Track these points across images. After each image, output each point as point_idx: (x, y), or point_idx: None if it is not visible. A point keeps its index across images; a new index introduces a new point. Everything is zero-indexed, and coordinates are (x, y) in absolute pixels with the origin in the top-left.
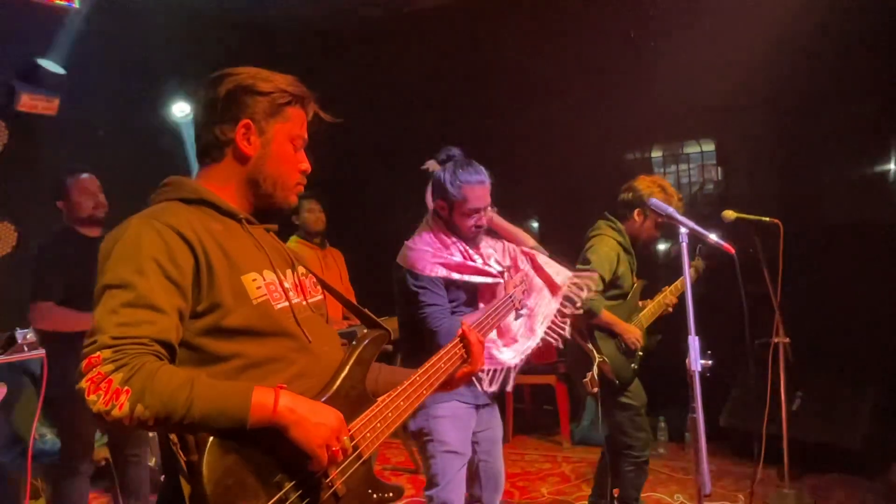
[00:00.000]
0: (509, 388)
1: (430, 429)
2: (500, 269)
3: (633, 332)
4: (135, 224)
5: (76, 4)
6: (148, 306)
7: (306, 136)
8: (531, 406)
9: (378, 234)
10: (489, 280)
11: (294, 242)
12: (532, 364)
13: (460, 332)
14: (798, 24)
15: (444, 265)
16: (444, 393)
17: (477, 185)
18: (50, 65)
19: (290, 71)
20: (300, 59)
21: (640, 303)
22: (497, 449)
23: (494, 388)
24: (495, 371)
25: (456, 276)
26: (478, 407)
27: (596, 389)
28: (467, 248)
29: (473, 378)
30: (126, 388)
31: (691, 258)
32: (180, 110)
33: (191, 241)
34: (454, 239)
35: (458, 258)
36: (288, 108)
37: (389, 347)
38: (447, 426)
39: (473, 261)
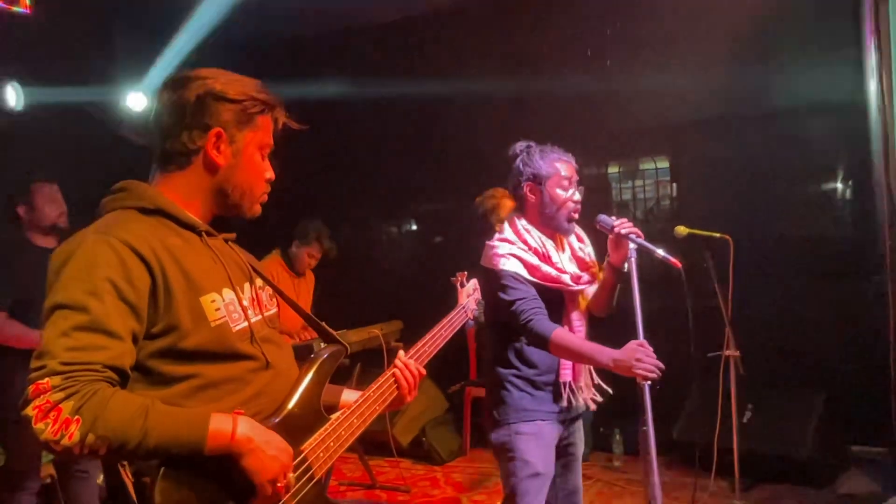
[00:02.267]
0: (593, 405)
1: (513, 446)
2: (575, 272)
3: None
4: (90, 240)
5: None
6: (101, 331)
7: (272, 143)
8: None
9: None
10: (556, 286)
11: (274, 261)
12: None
13: (393, 365)
14: (749, 46)
15: (517, 258)
16: (529, 409)
17: (567, 159)
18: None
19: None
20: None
21: None
22: (577, 464)
23: (579, 405)
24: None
25: (528, 277)
26: (562, 421)
27: None
28: (546, 244)
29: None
30: (77, 416)
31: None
32: (136, 101)
33: (148, 259)
34: (534, 234)
35: (530, 256)
36: (258, 117)
37: (347, 361)
38: (531, 445)
39: (548, 259)
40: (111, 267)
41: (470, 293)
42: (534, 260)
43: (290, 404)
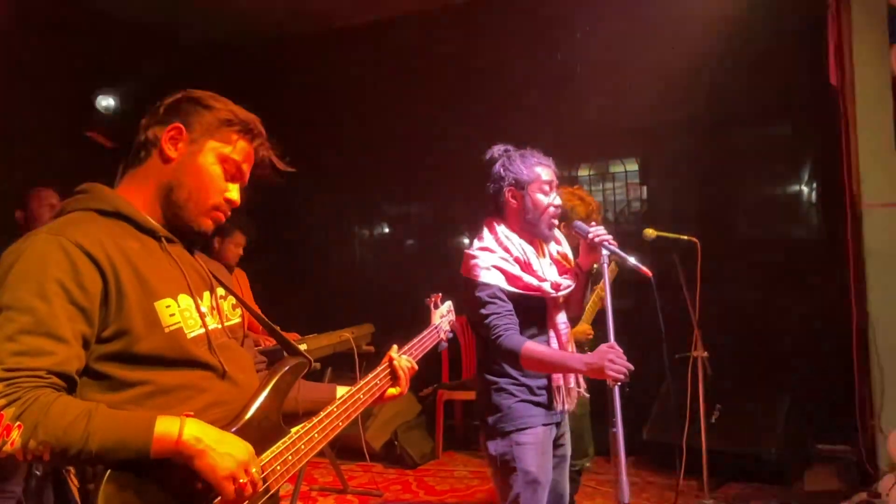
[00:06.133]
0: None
1: (513, 456)
2: (555, 279)
3: (581, 329)
4: (41, 240)
5: None
6: (48, 335)
7: (246, 172)
8: (462, 422)
9: (293, 251)
10: (538, 294)
11: None
12: (462, 380)
13: (387, 359)
14: (716, 51)
15: (499, 269)
16: (527, 416)
17: (547, 163)
18: None
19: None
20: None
21: None
22: (566, 467)
23: (570, 406)
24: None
25: (509, 288)
26: (556, 424)
27: None
28: (527, 251)
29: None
30: (18, 423)
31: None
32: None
33: (100, 262)
34: (515, 241)
35: (511, 266)
36: (231, 132)
37: (318, 366)
38: (531, 454)
39: (529, 268)
40: (61, 269)
41: (444, 314)
42: (515, 270)
43: (248, 415)
